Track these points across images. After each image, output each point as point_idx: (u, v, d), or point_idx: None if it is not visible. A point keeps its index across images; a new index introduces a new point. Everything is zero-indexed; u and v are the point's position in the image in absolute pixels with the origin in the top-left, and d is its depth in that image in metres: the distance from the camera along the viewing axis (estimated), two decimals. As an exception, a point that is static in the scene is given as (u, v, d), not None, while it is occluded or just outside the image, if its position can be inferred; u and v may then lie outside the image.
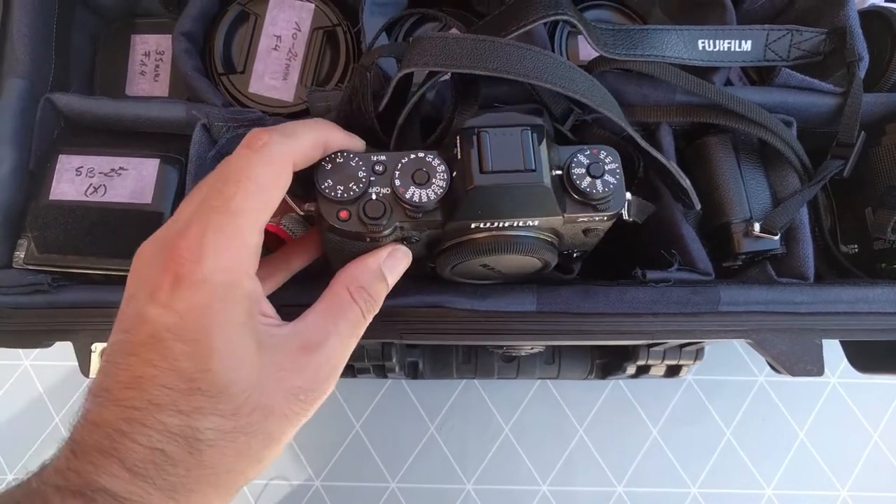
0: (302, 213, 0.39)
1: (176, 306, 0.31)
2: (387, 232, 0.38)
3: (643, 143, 0.46)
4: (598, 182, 0.38)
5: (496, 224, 0.38)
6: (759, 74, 0.59)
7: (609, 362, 0.58)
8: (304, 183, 0.37)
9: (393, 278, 0.39)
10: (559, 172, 0.39)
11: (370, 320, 0.38)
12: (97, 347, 0.45)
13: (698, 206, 0.48)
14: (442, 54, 0.42)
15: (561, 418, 0.68)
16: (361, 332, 0.38)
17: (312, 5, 0.54)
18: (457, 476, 0.68)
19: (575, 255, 0.47)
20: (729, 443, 0.68)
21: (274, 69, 0.53)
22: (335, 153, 0.37)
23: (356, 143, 0.40)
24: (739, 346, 0.71)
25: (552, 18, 0.44)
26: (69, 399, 0.74)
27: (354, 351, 0.56)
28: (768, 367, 0.72)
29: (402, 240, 0.39)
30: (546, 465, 0.67)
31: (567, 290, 0.46)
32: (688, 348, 0.56)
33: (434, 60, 0.42)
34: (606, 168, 0.38)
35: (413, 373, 0.58)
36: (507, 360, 0.58)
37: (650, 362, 0.54)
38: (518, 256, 0.39)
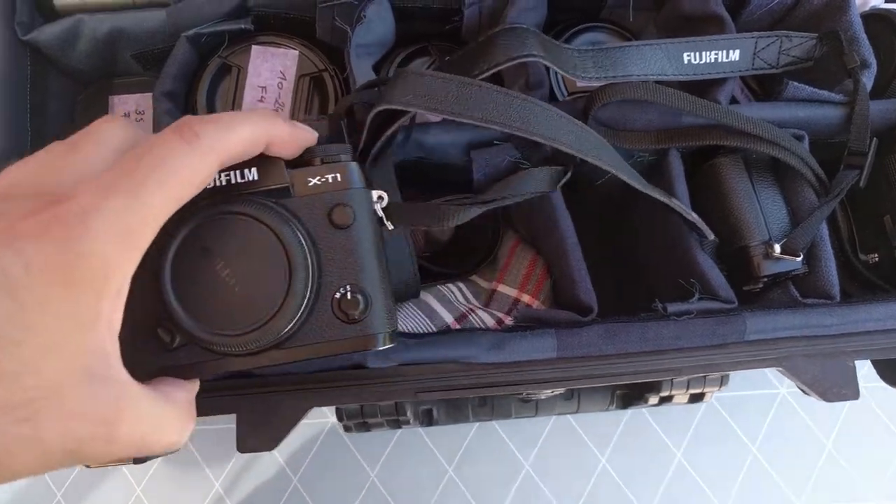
0: None
1: (28, 254, 0.26)
2: None
3: (641, 186, 0.45)
4: None
5: None
6: (762, 85, 0.57)
7: (630, 393, 0.56)
8: None
9: None
10: None
11: None
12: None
13: (711, 237, 0.46)
14: (425, 94, 0.40)
15: (581, 449, 0.66)
16: None
17: (296, 52, 0.52)
18: (479, 517, 0.66)
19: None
20: (756, 459, 0.66)
21: (261, 121, 0.51)
22: None
23: (305, 135, 0.35)
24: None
25: (519, 60, 0.42)
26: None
27: (367, 409, 0.54)
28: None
29: None
30: (570, 499, 0.65)
31: (587, 331, 0.44)
32: (712, 376, 0.54)
33: (417, 101, 0.40)
34: None
35: (427, 420, 0.56)
36: (525, 401, 0.56)
37: (674, 392, 0.53)
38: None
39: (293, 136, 0.35)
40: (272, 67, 0.51)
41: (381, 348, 0.36)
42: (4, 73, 0.45)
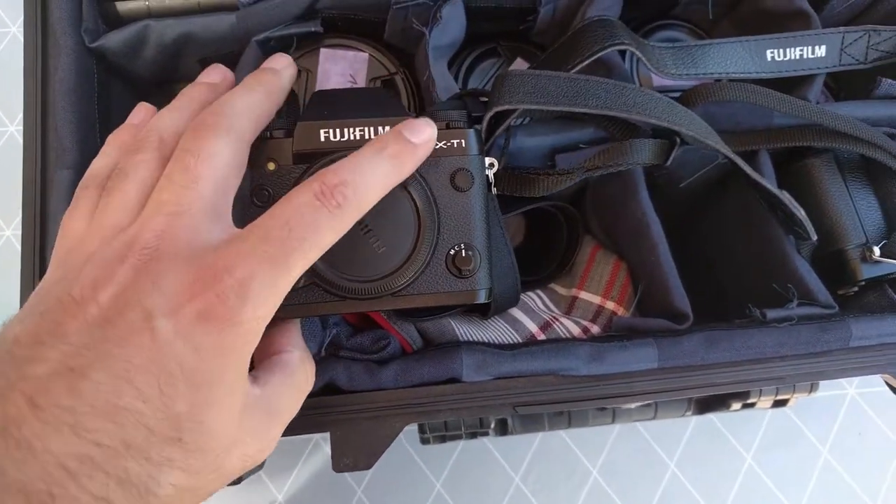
0: None
1: (198, 340, 0.28)
2: None
3: (753, 174, 0.43)
4: None
5: None
6: (838, 81, 0.56)
7: (711, 399, 0.55)
8: None
9: None
10: None
11: None
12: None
13: (814, 237, 0.45)
14: (536, 92, 0.40)
15: (649, 454, 0.65)
16: None
17: (366, 55, 0.50)
18: (545, 525, 0.64)
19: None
20: (827, 462, 0.65)
21: (332, 126, 0.49)
22: None
23: (431, 132, 0.36)
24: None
25: (609, 49, 0.42)
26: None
27: (451, 422, 0.52)
28: (857, 379, 0.69)
29: None
30: (640, 505, 0.64)
31: (688, 340, 0.42)
32: (803, 382, 0.53)
33: (528, 99, 0.40)
34: None
35: (502, 430, 0.55)
36: (602, 409, 0.55)
37: (762, 399, 0.51)
38: None
39: (429, 147, 0.35)
40: (342, 71, 0.50)
41: (481, 301, 0.38)
42: (76, 83, 0.44)
